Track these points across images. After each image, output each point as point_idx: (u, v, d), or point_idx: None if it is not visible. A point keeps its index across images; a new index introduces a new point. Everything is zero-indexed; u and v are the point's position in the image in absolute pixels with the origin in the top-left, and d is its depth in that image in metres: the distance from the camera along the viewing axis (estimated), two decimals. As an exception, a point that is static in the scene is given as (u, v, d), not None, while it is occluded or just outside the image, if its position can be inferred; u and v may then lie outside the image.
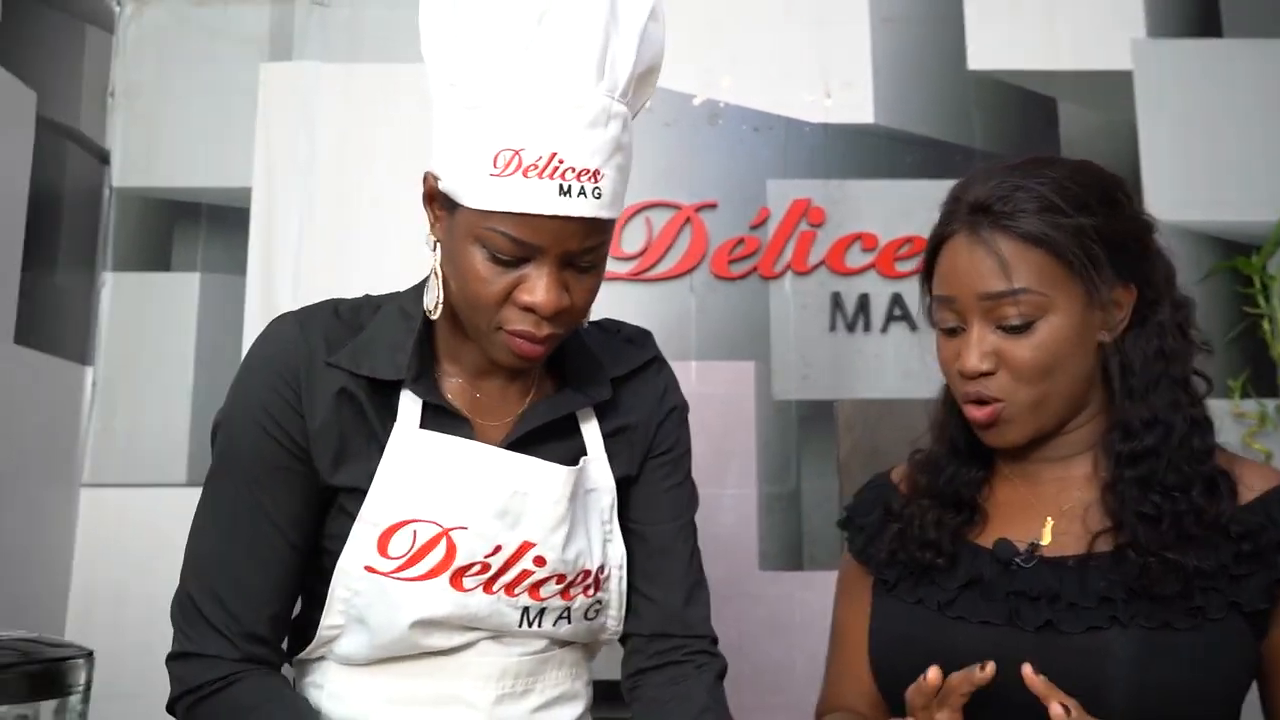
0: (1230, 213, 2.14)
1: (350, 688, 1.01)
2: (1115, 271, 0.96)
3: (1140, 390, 0.96)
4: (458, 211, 0.92)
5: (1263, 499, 0.93)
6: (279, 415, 0.97)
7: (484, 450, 0.99)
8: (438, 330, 1.03)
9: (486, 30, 0.90)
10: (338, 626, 0.99)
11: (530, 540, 0.99)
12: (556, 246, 0.90)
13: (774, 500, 2.04)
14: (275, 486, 0.97)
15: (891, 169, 2.14)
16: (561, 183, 0.88)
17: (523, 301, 0.92)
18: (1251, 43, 2.21)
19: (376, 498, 0.97)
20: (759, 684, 1.97)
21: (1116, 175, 1.03)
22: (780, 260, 2.09)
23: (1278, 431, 2.06)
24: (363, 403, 0.98)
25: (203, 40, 2.13)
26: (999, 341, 0.96)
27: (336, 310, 1.03)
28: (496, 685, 1.00)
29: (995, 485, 1.06)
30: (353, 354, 0.99)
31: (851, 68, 2.17)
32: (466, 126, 0.90)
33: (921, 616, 1.01)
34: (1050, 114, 2.18)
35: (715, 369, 2.06)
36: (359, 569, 0.96)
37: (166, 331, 2.04)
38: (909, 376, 2.06)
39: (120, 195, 2.09)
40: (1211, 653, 0.89)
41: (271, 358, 0.98)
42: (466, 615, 0.97)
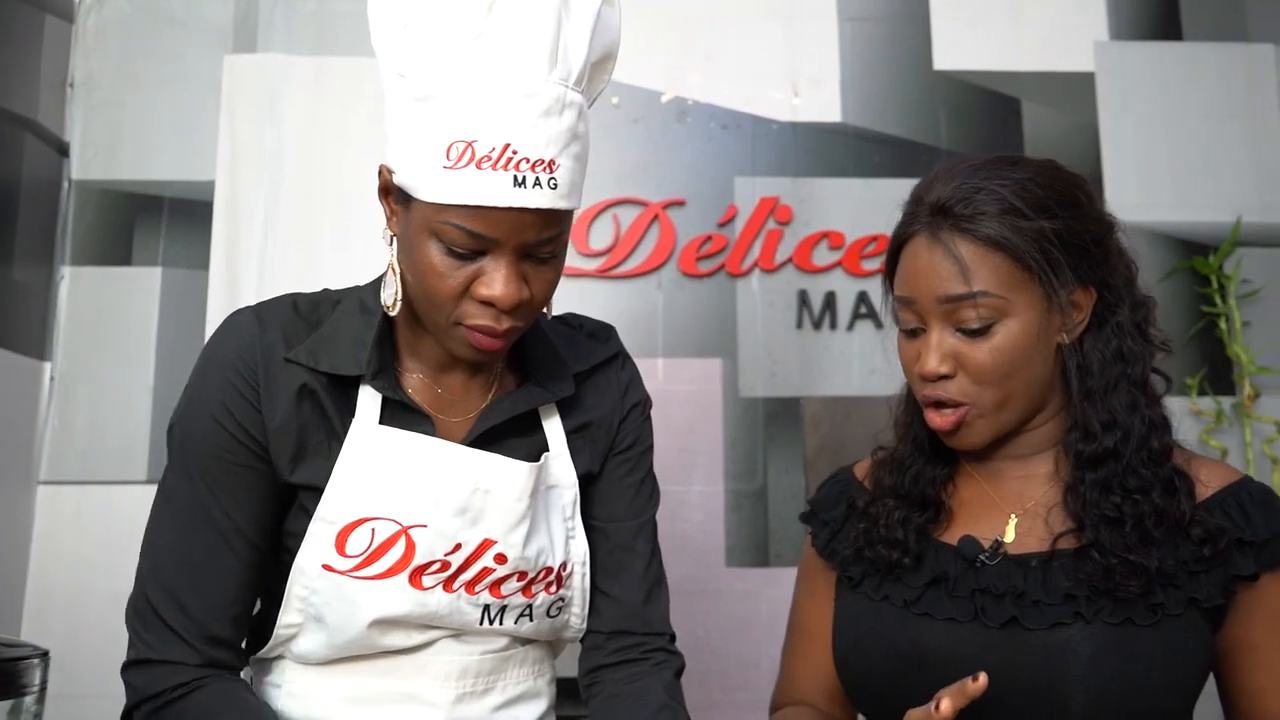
0: (1189, 213, 2.17)
1: (308, 686, 0.99)
2: (1075, 275, 0.97)
3: (1099, 391, 0.97)
4: (413, 205, 0.91)
5: (1218, 496, 0.95)
6: (237, 412, 0.95)
7: (444, 447, 0.98)
8: (398, 325, 1.02)
9: (436, 20, 0.88)
10: (295, 625, 0.97)
11: (491, 537, 0.97)
12: (513, 238, 0.89)
13: (740, 497, 2.04)
14: (234, 485, 0.95)
15: (858, 168, 2.15)
16: (516, 174, 0.86)
17: (481, 295, 0.90)
18: (1210, 46, 2.25)
19: (334, 495, 0.95)
20: (725, 680, 1.98)
21: (1078, 175, 1.03)
22: (747, 258, 2.10)
23: (1233, 428, 2.10)
24: (322, 399, 0.97)
25: (165, 31, 2.10)
26: (958, 344, 0.96)
27: (295, 305, 1.01)
28: (456, 684, 0.99)
29: (959, 483, 1.07)
30: (312, 350, 0.97)
31: (819, 67, 2.18)
32: (418, 119, 0.89)
33: (886, 614, 1.01)
34: (1014, 114, 2.20)
35: (682, 366, 2.06)
36: (316, 567, 0.95)
37: (127, 327, 2.01)
38: (874, 374, 2.07)
39: (79, 187, 2.05)
40: (1171, 648, 0.90)
41: (229, 353, 0.96)
42: (425, 614, 0.96)
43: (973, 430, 0.99)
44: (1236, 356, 2.10)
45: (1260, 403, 2.10)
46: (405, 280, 0.96)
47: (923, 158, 2.16)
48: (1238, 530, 0.93)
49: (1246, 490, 0.95)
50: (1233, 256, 2.14)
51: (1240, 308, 2.12)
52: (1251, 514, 0.93)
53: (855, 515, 1.10)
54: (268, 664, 1.03)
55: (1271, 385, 2.11)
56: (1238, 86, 2.23)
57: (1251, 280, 2.15)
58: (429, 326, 0.97)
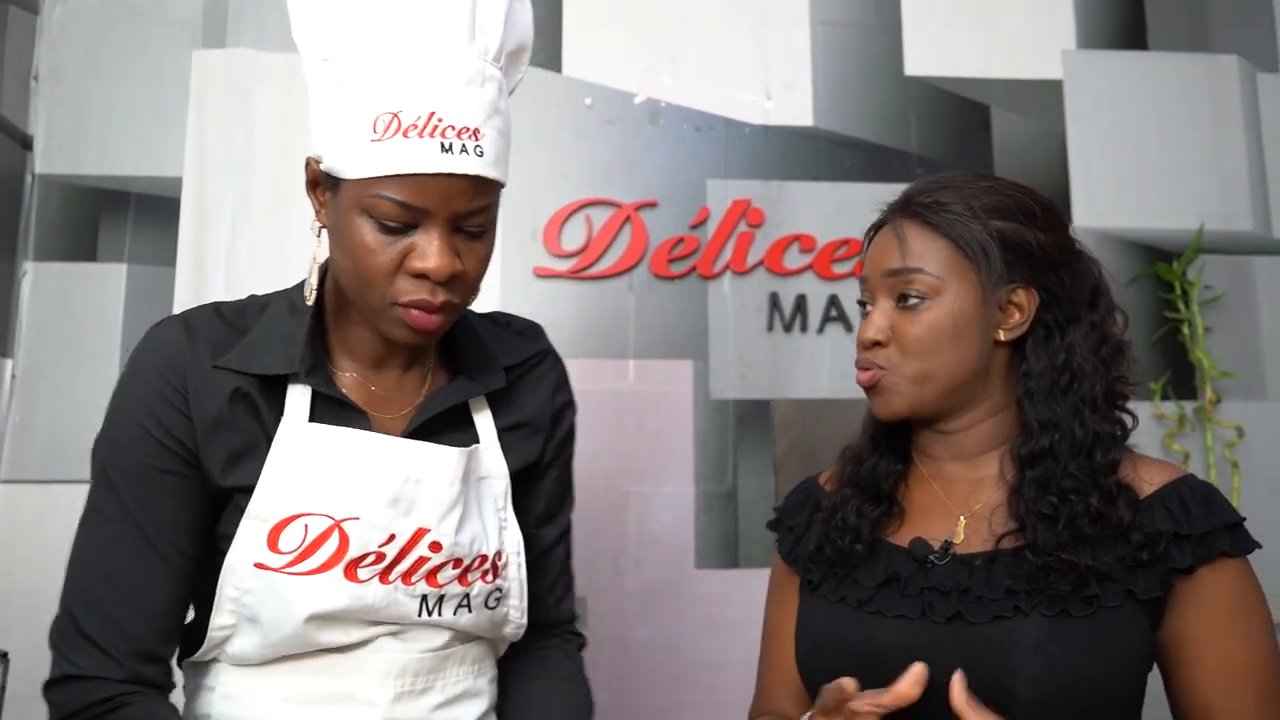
0: (1154, 220, 2.21)
1: (243, 689, 0.98)
2: (1012, 272, 1.01)
3: (1039, 394, 1.02)
4: (341, 188, 0.92)
5: (1160, 492, 0.98)
6: (166, 420, 0.94)
7: (375, 439, 0.98)
8: (330, 324, 1.02)
9: (354, 2, 0.91)
10: (228, 627, 0.96)
11: (424, 526, 0.97)
12: (444, 208, 0.90)
13: (711, 499, 2.05)
14: (163, 494, 0.94)
15: (830, 171, 2.17)
16: (443, 140, 0.88)
17: (415, 269, 0.91)
18: (1175, 56, 2.28)
19: (264, 493, 0.95)
20: (694, 682, 1.98)
21: (1049, 200, 1.08)
22: (719, 260, 2.10)
23: (1195, 433, 2.13)
24: (256, 401, 0.96)
25: (132, 24, 2.07)
26: (897, 317, 1.03)
27: (219, 312, 1.01)
28: (395, 683, 0.98)
29: (912, 485, 1.11)
30: (242, 354, 0.97)
31: (792, 70, 2.19)
32: (343, 98, 0.91)
33: (843, 614, 1.04)
34: (984, 120, 2.22)
35: (653, 368, 2.07)
36: (248, 566, 0.94)
37: (91, 324, 1.98)
38: (845, 376, 2.08)
39: (43, 182, 2.02)
40: (1108, 638, 0.93)
41: (157, 362, 0.96)
42: (362, 607, 0.95)
43: (890, 396, 1.04)
44: (1199, 361, 2.13)
45: (1221, 407, 2.14)
46: (337, 269, 0.96)
47: (893, 162, 2.18)
48: (1175, 525, 0.95)
49: (1188, 486, 0.98)
50: (1196, 263, 2.18)
51: (1203, 314, 2.16)
52: (1191, 509, 0.96)
53: (818, 516, 1.13)
54: (201, 668, 1.01)
55: (1232, 390, 2.15)
56: (1202, 96, 2.27)
57: (1214, 286, 2.18)
58: (363, 312, 0.96)
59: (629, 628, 1.99)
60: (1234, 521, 0.96)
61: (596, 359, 2.06)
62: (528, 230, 2.08)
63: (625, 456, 2.04)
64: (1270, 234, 2.24)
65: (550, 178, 2.10)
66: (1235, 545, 0.95)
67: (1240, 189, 2.24)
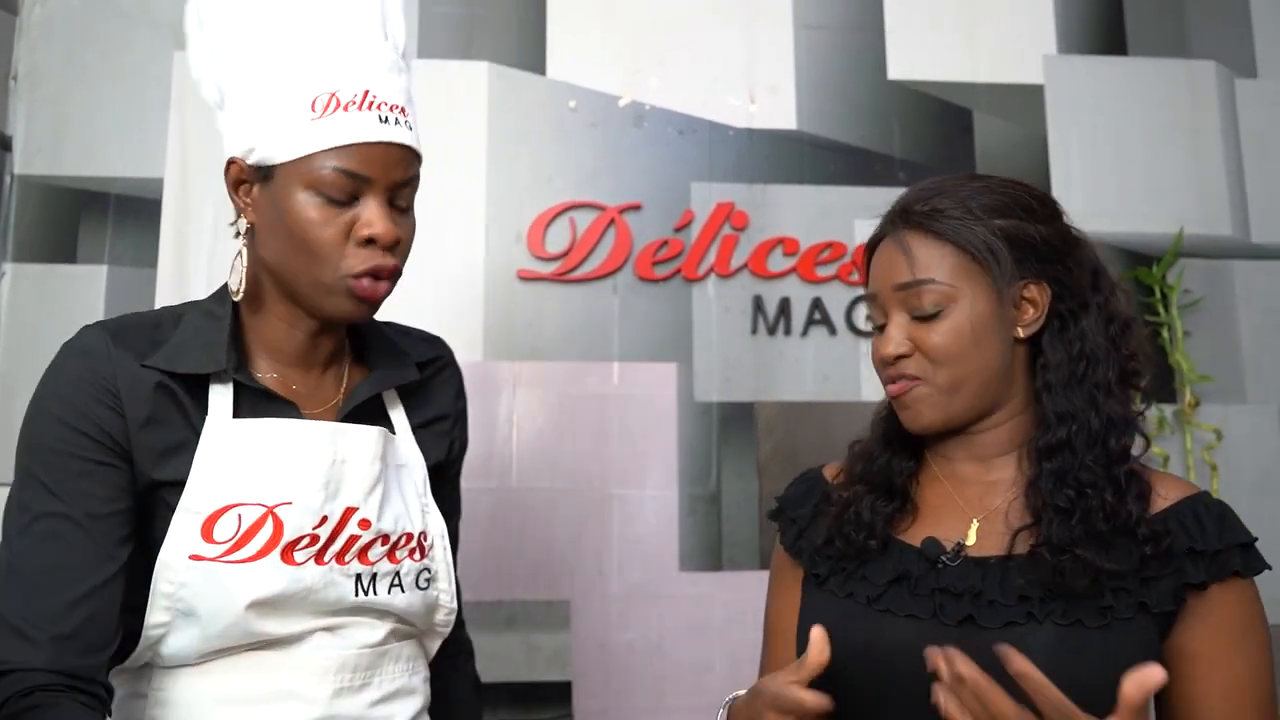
0: (1133, 224, 2.22)
1: (178, 691, 0.97)
2: (1022, 269, 1.01)
3: (1057, 385, 1.01)
4: (275, 175, 0.97)
5: (1175, 508, 0.98)
6: (98, 417, 0.95)
7: (305, 425, 1.01)
8: (249, 325, 1.05)
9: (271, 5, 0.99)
10: (163, 625, 0.95)
11: (352, 505, 1.00)
12: (384, 176, 0.96)
13: (695, 501, 2.05)
14: (95, 485, 0.94)
15: (813, 175, 2.17)
16: (379, 114, 0.96)
17: (362, 235, 0.96)
18: (1154, 61, 2.30)
19: (195, 486, 0.96)
20: (679, 684, 1.98)
21: (1044, 192, 1.08)
22: (703, 263, 2.11)
23: (1174, 435, 2.15)
24: (180, 398, 0.98)
25: (113, 25, 2.06)
26: (914, 329, 1.02)
27: (138, 319, 1.04)
28: (334, 678, 0.99)
29: (925, 486, 1.10)
30: (168, 356, 0.99)
31: (776, 74, 2.20)
32: (276, 89, 0.97)
33: (851, 611, 1.03)
34: (966, 124, 2.24)
35: (637, 370, 2.07)
36: (183, 559, 0.94)
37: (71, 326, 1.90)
38: (828, 379, 2.09)
39: (22, 183, 2.00)
40: (1121, 651, 0.92)
41: (85, 364, 0.97)
42: (301, 589, 0.97)
43: (923, 407, 1.03)
44: (1178, 365, 2.15)
45: (1200, 410, 2.16)
46: (276, 259, 0.99)
47: (876, 166, 2.19)
48: (1190, 540, 0.95)
49: (1203, 503, 0.98)
50: (1175, 267, 2.20)
51: (1182, 318, 2.18)
52: (1206, 525, 0.96)
53: (825, 509, 1.12)
54: (134, 674, 0.99)
55: (1211, 393, 2.17)
56: (1180, 101, 2.29)
57: (1193, 290, 2.20)
58: (305, 289, 0.99)
59: (613, 630, 1.99)
60: (1246, 541, 0.96)
61: (580, 362, 2.06)
62: (512, 233, 2.07)
63: (609, 459, 2.04)
64: (1249, 238, 2.26)
65: (534, 180, 2.10)
66: (1246, 565, 0.95)
67: (1219, 194, 2.26)
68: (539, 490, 2.02)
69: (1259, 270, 2.25)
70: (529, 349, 2.05)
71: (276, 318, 1.03)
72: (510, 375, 2.04)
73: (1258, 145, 2.29)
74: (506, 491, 2.01)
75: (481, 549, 1.98)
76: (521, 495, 2.01)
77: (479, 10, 2.15)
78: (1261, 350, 2.22)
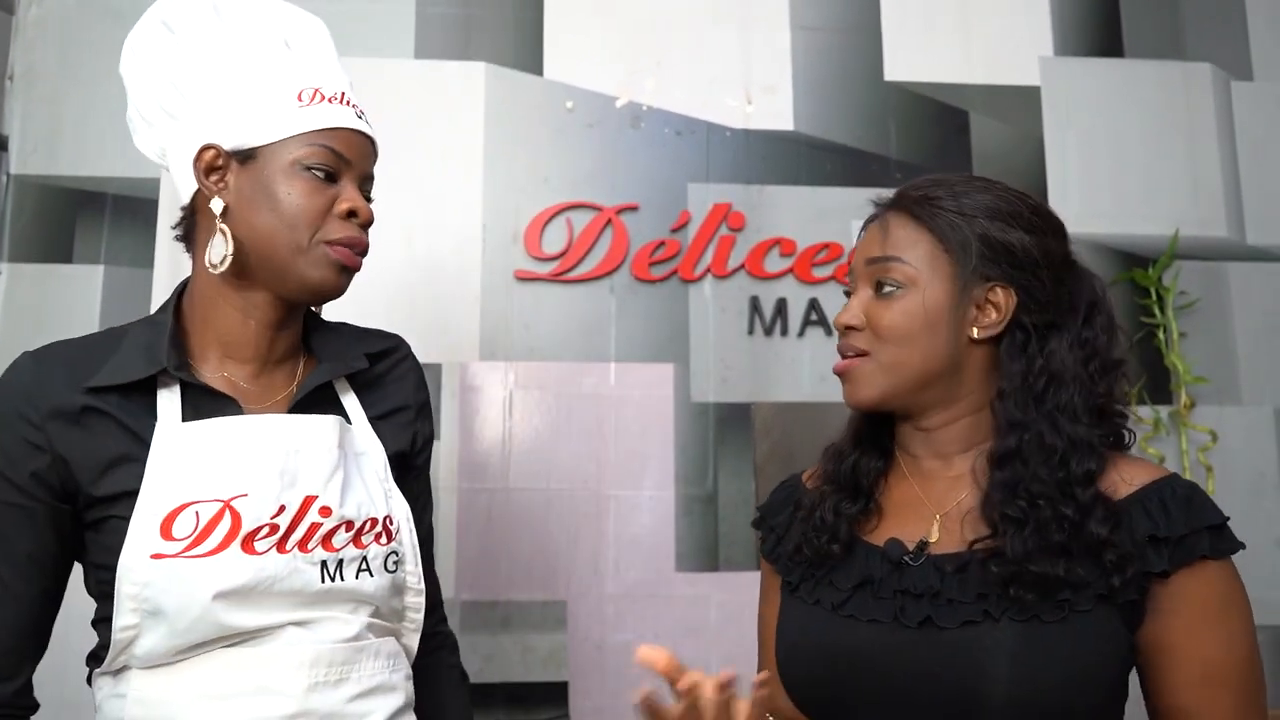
0: (1129, 226, 2.23)
1: (156, 690, 0.99)
2: (990, 269, 1.02)
3: (1011, 394, 1.01)
4: (259, 155, 1.05)
5: (1140, 493, 0.97)
6: (14, 455, 0.99)
7: (253, 420, 1.04)
8: (202, 320, 1.09)
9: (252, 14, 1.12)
10: (132, 627, 0.98)
11: (311, 493, 1.03)
12: (360, 163, 1.09)
13: (691, 502, 2.05)
14: (17, 524, 1.00)
15: (810, 176, 2.18)
16: (355, 110, 1.10)
17: (343, 210, 1.06)
18: (1151, 63, 2.31)
19: (150, 490, 0.99)
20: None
21: (1048, 209, 1.08)
22: (700, 264, 2.11)
23: (1170, 437, 2.15)
24: (117, 416, 1.02)
25: (108, 24, 2.06)
26: (871, 305, 1.04)
27: (71, 343, 1.09)
28: (309, 673, 1.01)
29: (893, 484, 1.10)
30: (113, 371, 1.03)
31: (773, 75, 2.20)
32: (261, 82, 1.07)
33: (818, 617, 1.04)
34: (963, 125, 2.24)
35: (634, 371, 2.07)
36: (143, 560, 0.97)
37: (68, 326, 1.96)
38: (825, 380, 2.09)
39: (18, 182, 2.00)
40: (1081, 644, 0.92)
41: (11, 393, 1.01)
42: (265, 579, 0.99)
43: (862, 382, 1.05)
44: (1174, 366, 2.16)
45: (1196, 412, 2.16)
46: (254, 231, 1.05)
47: (873, 167, 2.19)
48: (1153, 527, 0.94)
49: (1170, 487, 0.97)
50: (1171, 269, 2.20)
51: (1178, 319, 2.18)
52: (1172, 510, 0.95)
53: (797, 515, 1.13)
54: (113, 677, 1.03)
55: (1207, 395, 2.18)
56: (1176, 103, 2.29)
57: (1189, 292, 2.21)
58: (283, 259, 1.05)
59: (609, 631, 1.99)
60: (1216, 523, 0.95)
61: (577, 362, 2.06)
62: (508, 233, 2.07)
63: (605, 460, 2.04)
64: (1244, 240, 2.26)
65: (531, 181, 2.10)
66: (1216, 547, 0.94)
67: (1215, 195, 2.26)
68: (535, 490, 2.02)
69: (1255, 272, 2.26)
70: (526, 349, 2.05)
71: (233, 308, 1.08)
72: (507, 376, 2.04)
73: (1253, 147, 2.30)
74: (503, 492, 2.01)
75: (478, 549, 1.98)
76: (518, 495, 2.01)
77: (476, 11, 2.15)
78: (1257, 352, 2.22)
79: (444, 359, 2.03)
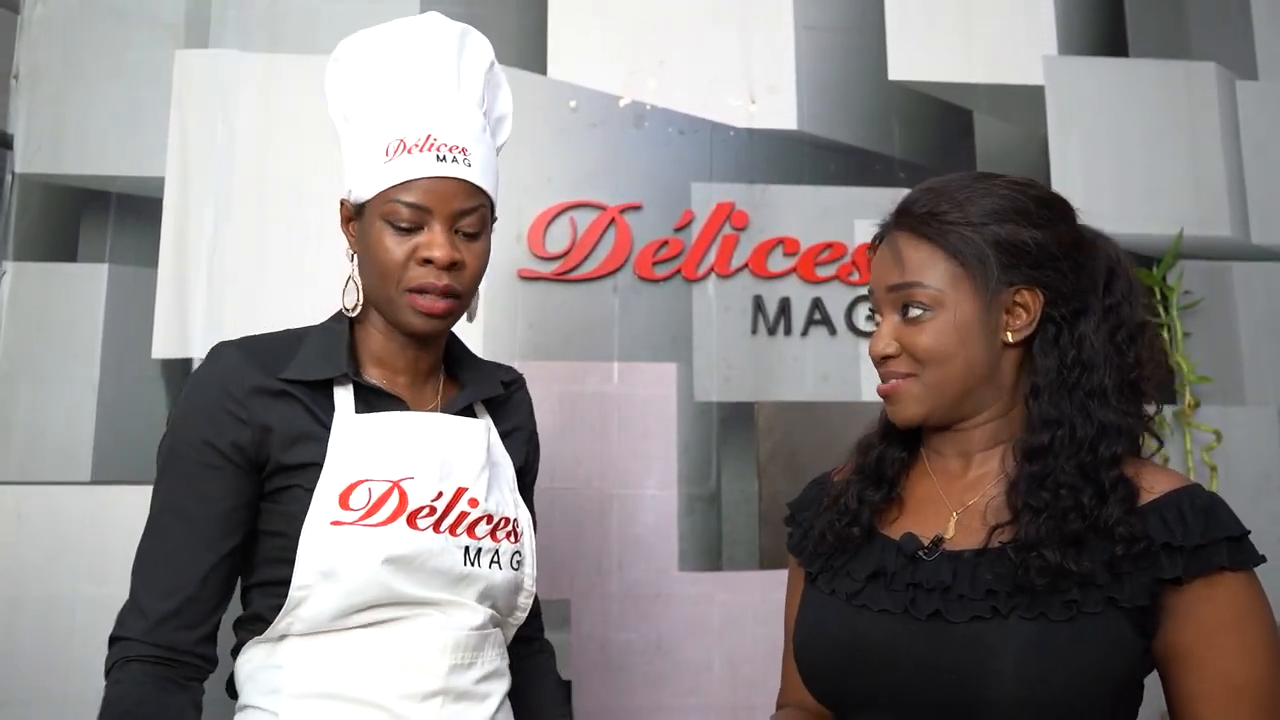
0: (1133, 226, 2.22)
1: (314, 660, 1.10)
2: (1012, 275, 1.02)
3: (1045, 390, 1.01)
4: (365, 210, 1.15)
5: (1159, 501, 0.96)
6: (220, 424, 1.11)
7: (421, 416, 1.18)
8: (359, 338, 1.22)
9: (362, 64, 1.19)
10: (306, 587, 1.09)
11: (463, 485, 1.16)
12: (442, 207, 1.13)
13: (694, 501, 2.05)
14: (213, 484, 1.11)
15: (813, 175, 2.18)
16: (437, 153, 1.13)
17: (421, 256, 1.13)
18: (1155, 63, 2.31)
19: (332, 466, 1.12)
20: (678, 684, 1.98)
21: (1054, 193, 1.09)
22: (703, 263, 2.11)
23: (1174, 437, 2.15)
24: (305, 403, 1.15)
25: (113, 24, 2.06)
26: (902, 330, 1.04)
27: (270, 339, 1.20)
28: (451, 655, 1.13)
29: (914, 479, 1.11)
30: (300, 367, 1.16)
31: (776, 74, 2.20)
32: (362, 139, 1.16)
33: (833, 607, 1.06)
34: (967, 125, 2.24)
35: (637, 370, 2.07)
36: (325, 525, 1.09)
37: (72, 324, 1.97)
38: (828, 380, 2.09)
39: (23, 181, 2.01)
40: (1086, 645, 0.92)
41: (219, 375, 1.13)
42: (423, 551, 1.12)
43: (908, 402, 1.05)
44: (1178, 366, 2.15)
45: (1200, 412, 2.16)
46: (366, 282, 1.17)
47: (876, 166, 2.19)
48: (1169, 535, 0.94)
49: (1190, 497, 0.96)
50: (1175, 268, 2.20)
51: (1182, 319, 2.18)
52: (1189, 520, 0.94)
53: (824, 504, 1.15)
54: (271, 645, 1.13)
55: (1211, 394, 2.17)
56: (1181, 102, 2.29)
57: (1193, 292, 2.21)
58: (381, 304, 1.17)
59: (612, 630, 1.99)
60: (1236, 534, 0.94)
61: (581, 361, 2.06)
62: (512, 232, 2.08)
63: (609, 459, 2.04)
64: (1248, 240, 2.26)
65: (535, 180, 2.10)
66: (1235, 559, 0.93)
67: (1219, 195, 2.26)
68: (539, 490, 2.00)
69: (1258, 271, 2.25)
70: (529, 348, 2.06)
71: (378, 331, 1.21)
72: (510, 375, 2.05)
73: (1258, 147, 2.29)
74: (506, 491, 2.01)
75: (481, 548, 1.99)
76: (521, 495, 2.01)
77: (480, 10, 2.15)
78: (1261, 351, 2.22)
79: (447, 358, 2.04)
